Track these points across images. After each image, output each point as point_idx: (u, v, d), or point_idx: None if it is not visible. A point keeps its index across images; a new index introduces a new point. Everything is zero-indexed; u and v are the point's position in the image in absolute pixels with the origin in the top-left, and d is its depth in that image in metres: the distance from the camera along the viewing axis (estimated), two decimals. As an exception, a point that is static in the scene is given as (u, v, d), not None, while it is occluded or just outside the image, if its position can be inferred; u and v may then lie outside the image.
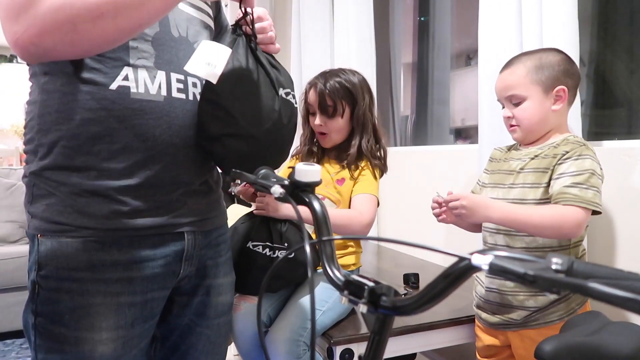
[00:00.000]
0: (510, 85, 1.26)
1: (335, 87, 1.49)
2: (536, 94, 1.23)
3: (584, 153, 1.17)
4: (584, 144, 1.20)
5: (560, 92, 1.22)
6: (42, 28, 0.71)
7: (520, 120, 1.26)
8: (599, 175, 1.16)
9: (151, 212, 0.88)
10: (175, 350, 1.01)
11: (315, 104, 1.52)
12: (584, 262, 0.45)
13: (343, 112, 1.50)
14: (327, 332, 1.34)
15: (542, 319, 1.22)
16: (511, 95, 1.25)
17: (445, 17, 2.66)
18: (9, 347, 2.63)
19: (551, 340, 0.93)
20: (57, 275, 0.83)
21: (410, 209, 2.35)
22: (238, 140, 0.93)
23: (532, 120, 1.25)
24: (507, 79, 1.27)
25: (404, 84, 2.97)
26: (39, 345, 0.84)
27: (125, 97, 0.83)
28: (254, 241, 1.28)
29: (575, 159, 1.17)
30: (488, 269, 0.47)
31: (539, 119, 1.24)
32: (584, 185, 1.13)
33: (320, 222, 0.73)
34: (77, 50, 0.76)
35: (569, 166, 1.17)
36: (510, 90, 1.26)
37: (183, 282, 0.97)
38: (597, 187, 1.14)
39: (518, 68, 1.26)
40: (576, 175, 1.15)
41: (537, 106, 1.23)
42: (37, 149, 0.85)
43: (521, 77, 1.24)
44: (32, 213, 0.85)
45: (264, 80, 0.96)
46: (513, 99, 1.25)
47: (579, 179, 1.14)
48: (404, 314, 0.60)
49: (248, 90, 0.93)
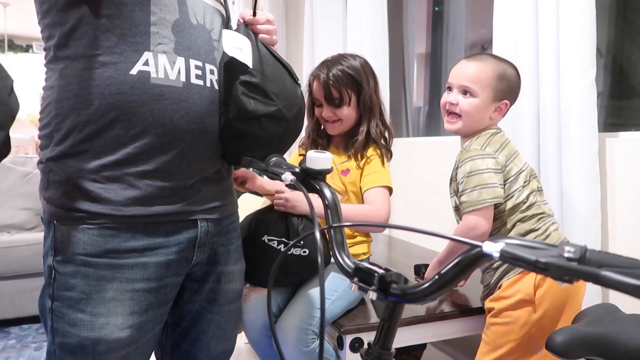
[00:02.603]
0: (473, 78, 1.29)
1: (339, 75, 1.46)
2: (487, 98, 1.29)
3: (462, 158, 1.27)
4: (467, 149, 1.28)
5: (503, 106, 1.32)
6: None
7: (463, 112, 1.30)
8: (478, 171, 1.22)
9: (166, 199, 0.89)
10: (186, 335, 1.03)
11: (320, 96, 1.51)
12: (597, 251, 0.45)
13: (350, 100, 1.48)
14: (337, 321, 1.34)
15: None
16: (467, 86, 1.29)
17: (459, 6, 2.63)
18: (26, 332, 2.68)
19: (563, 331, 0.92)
20: (73, 261, 0.84)
21: (422, 199, 2.35)
22: (274, 121, 0.97)
23: (473, 116, 1.30)
24: (472, 71, 1.30)
25: (417, 74, 2.95)
26: (55, 330, 0.85)
27: (145, 82, 0.84)
28: (269, 235, 1.29)
29: (459, 167, 1.28)
30: (499, 256, 0.47)
31: (478, 117, 1.31)
32: (468, 190, 1.23)
33: (331, 209, 0.73)
34: None
35: (458, 175, 1.28)
36: (470, 82, 1.29)
37: (195, 269, 0.98)
38: (480, 184, 1.21)
39: (486, 67, 1.30)
40: (460, 184, 1.26)
41: (482, 107, 1.29)
42: (54, 134, 0.85)
43: (485, 77, 1.29)
44: (48, 199, 0.87)
45: (283, 70, 1.02)
46: (467, 90, 1.30)
47: (462, 187, 1.25)
48: (414, 302, 0.60)
49: (277, 76, 0.99)
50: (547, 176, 1.49)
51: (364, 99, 1.49)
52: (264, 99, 0.95)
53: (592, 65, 1.39)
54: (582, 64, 1.39)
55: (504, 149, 1.28)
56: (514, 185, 1.26)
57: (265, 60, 0.98)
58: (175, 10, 0.88)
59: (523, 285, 1.20)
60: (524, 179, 1.27)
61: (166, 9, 0.87)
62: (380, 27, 2.53)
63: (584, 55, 1.39)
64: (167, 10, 0.87)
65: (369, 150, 1.50)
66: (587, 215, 1.39)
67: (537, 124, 1.54)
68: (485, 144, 1.28)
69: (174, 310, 0.99)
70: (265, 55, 0.99)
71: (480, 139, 1.30)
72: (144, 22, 0.84)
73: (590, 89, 1.39)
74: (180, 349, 1.04)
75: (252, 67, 0.94)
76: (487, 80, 1.28)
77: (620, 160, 1.41)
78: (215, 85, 0.94)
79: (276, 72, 0.99)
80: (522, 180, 1.26)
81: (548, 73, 1.49)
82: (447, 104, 1.33)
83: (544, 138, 1.51)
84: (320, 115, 1.54)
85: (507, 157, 1.27)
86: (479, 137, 1.31)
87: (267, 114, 0.95)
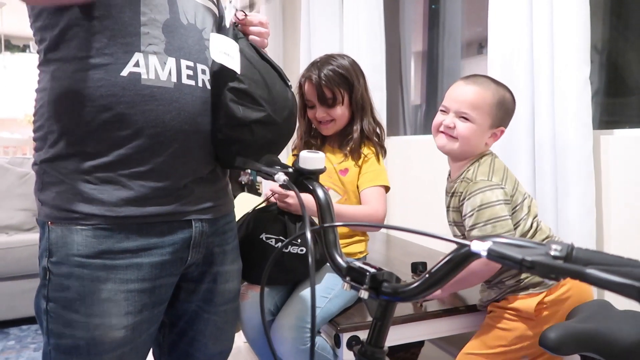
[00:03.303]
0: (473, 104, 1.24)
1: (331, 75, 1.47)
2: (485, 125, 1.25)
3: (471, 190, 1.22)
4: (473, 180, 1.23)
5: (498, 132, 1.28)
6: None
7: (461, 136, 1.25)
8: (489, 204, 1.18)
9: (160, 200, 0.89)
10: (183, 335, 1.03)
11: (313, 97, 1.50)
12: (583, 249, 0.45)
13: (343, 99, 1.49)
14: (334, 319, 1.35)
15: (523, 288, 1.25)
16: (466, 113, 1.24)
17: (456, 4, 2.63)
18: (25, 333, 2.69)
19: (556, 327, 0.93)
20: (67, 262, 0.84)
21: (419, 198, 2.35)
22: (264, 126, 0.96)
23: (470, 142, 1.26)
24: (472, 96, 1.25)
25: (414, 72, 2.95)
26: (50, 330, 0.86)
27: (136, 84, 0.84)
28: (267, 233, 1.29)
29: (468, 199, 1.22)
30: (487, 255, 0.48)
31: (475, 143, 1.27)
32: (480, 224, 1.18)
33: (324, 209, 0.74)
34: None
35: (465, 207, 1.23)
36: (469, 108, 1.24)
37: (190, 269, 0.98)
38: (492, 218, 1.17)
39: (486, 93, 1.25)
40: (470, 217, 1.21)
41: (478, 133, 1.25)
42: (47, 136, 0.86)
43: (485, 104, 1.24)
44: (43, 200, 0.87)
45: (273, 73, 1.01)
46: (465, 116, 1.25)
47: (472, 220, 1.20)
48: (405, 300, 0.60)
49: (266, 80, 0.98)
50: (542, 174, 1.50)
51: (355, 97, 1.50)
52: (252, 105, 0.94)
53: (587, 63, 1.40)
54: (576, 62, 1.39)
55: (507, 177, 1.25)
56: (520, 214, 1.23)
57: (254, 64, 0.97)
58: (165, 11, 0.88)
59: (527, 304, 1.20)
60: (527, 205, 1.25)
61: (156, 9, 0.87)
62: (377, 25, 2.53)
63: (579, 53, 1.39)
64: (157, 10, 0.87)
65: (364, 148, 1.51)
66: (581, 213, 1.40)
67: (531, 122, 1.55)
68: (490, 173, 1.24)
69: (170, 311, 0.99)
70: (253, 58, 0.98)
71: (482, 167, 1.26)
72: (134, 23, 0.84)
73: (585, 86, 1.40)
74: (178, 349, 1.04)
75: (240, 73, 0.93)
76: (487, 107, 1.24)
77: (615, 157, 1.41)
78: (207, 85, 0.94)
79: (265, 76, 0.98)
80: (526, 207, 1.24)
81: (542, 71, 1.49)
82: (443, 126, 1.28)
83: (538, 135, 1.52)
84: (314, 117, 1.53)
85: (512, 186, 1.24)
86: (481, 165, 1.26)
87: (257, 119, 0.95)
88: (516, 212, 1.23)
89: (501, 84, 1.30)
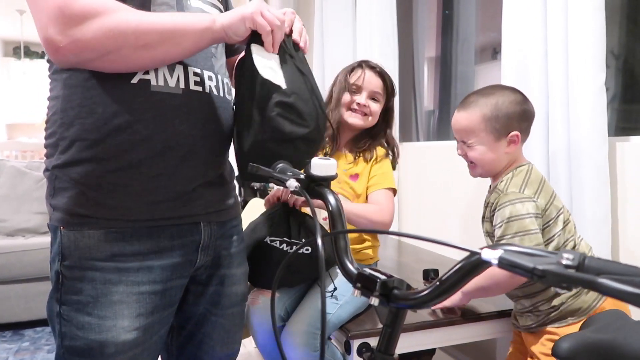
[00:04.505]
0: (465, 131, 1.27)
1: (387, 74, 1.56)
2: (488, 141, 1.25)
3: (501, 202, 1.20)
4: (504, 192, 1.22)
5: (514, 137, 1.25)
6: (89, 45, 0.78)
7: (474, 160, 1.29)
8: (518, 216, 1.17)
9: (169, 204, 0.90)
10: (192, 338, 1.04)
11: (370, 84, 1.53)
12: (596, 258, 0.45)
13: (382, 101, 1.56)
14: (344, 326, 1.34)
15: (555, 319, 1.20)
16: (464, 140, 1.28)
17: (469, 10, 2.62)
18: (39, 334, 2.72)
19: (569, 337, 0.92)
20: (80, 265, 0.85)
21: (433, 204, 2.34)
22: (307, 143, 0.95)
23: (484, 161, 1.28)
24: (462, 123, 1.27)
25: (427, 78, 2.94)
26: (63, 333, 0.87)
27: (146, 90, 0.86)
28: (272, 236, 1.30)
29: (498, 210, 1.21)
30: (497, 263, 0.47)
31: (491, 160, 1.27)
32: (508, 236, 1.17)
33: (335, 216, 0.74)
34: (110, 67, 0.83)
35: (495, 218, 1.22)
36: (464, 135, 1.28)
37: (199, 272, 0.99)
38: (521, 231, 1.16)
39: (474, 112, 1.25)
40: (499, 228, 1.20)
41: (489, 151, 1.26)
42: (59, 143, 0.87)
43: (476, 124, 1.25)
44: (54, 205, 0.88)
45: (310, 86, 0.98)
46: (465, 142, 1.28)
47: (501, 232, 1.19)
48: (415, 308, 0.60)
49: (307, 95, 0.96)
50: (557, 181, 1.48)
51: (391, 106, 1.58)
52: (299, 120, 0.92)
53: (602, 69, 1.38)
54: (592, 68, 1.38)
55: (542, 190, 1.22)
56: (555, 229, 1.21)
57: (294, 78, 0.94)
58: None
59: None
60: (563, 220, 1.22)
61: None
62: (390, 30, 2.53)
63: (594, 59, 1.37)
64: None
65: (379, 149, 1.51)
66: (597, 220, 1.38)
67: (546, 128, 1.53)
68: (523, 186, 1.22)
69: (179, 314, 1.00)
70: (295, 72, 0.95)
71: (515, 179, 1.24)
72: None
73: (600, 92, 1.38)
74: (186, 352, 1.05)
75: (287, 87, 0.91)
76: (478, 124, 1.24)
77: (630, 164, 1.39)
78: (214, 91, 0.95)
79: (306, 91, 0.96)
80: (562, 223, 1.22)
81: (557, 76, 1.47)
82: (463, 157, 1.33)
83: (553, 142, 1.50)
84: (350, 102, 1.54)
85: (547, 200, 1.21)
86: (514, 177, 1.25)
87: (302, 136, 0.93)
88: (549, 227, 1.20)
89: (496, 90, 1.27)
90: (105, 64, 0.82)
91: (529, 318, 1.26)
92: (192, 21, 0.85)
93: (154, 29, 0.81)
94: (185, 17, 0.87)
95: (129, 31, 0.79)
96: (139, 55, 0.82)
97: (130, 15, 0.81)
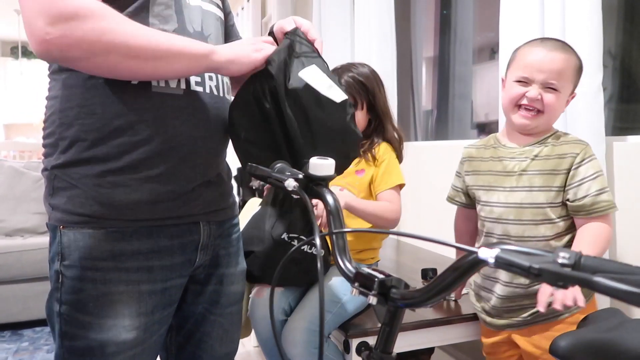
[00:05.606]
0: (559, 72, 1.15)
1: (350, 82, 1.52)
2: (566, 92, 1.19)
3: (590, 152, 1.17)
4: (584, 141, 1.19)
5: (571, 98, 1.23)
6: (78, 43, 0.75)
7: (548, 107, 1.17)
8: (601, 172, 1.16)
9: (169, 203, 0.91)
10: (190, 337, 1.04)
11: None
12: (591, 257, 0.45)
13: (362, 105, 1.53)
14: (344, 325, 1.35)
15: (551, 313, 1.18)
16: (553, 83, 1.15)
17: (467, 10, 2.63)
18: (39, 334, 2.72)
19: (567, 335, 0.92)
20: (80, 265, 0.86)
21: (431, 204, 2.34)
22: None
23: (556, 111, 1.19)
24: (559, 64, 1.15)
25: (425, 78, 2.95)
26: (64, 333, 0.87)
27: (147, 91, 0.86)
28: (290, 233, 1.31)
29: (589, 161, 1.15)
30: (494, 262, 0.48)
31: (559, 113, 1.22)
32: (607, 188, 1.13)
33: (334, 215, 0.74)
34: (94, 70, 0.82)
35: (587, 169, 1.14)
36: (554, 77, 1.15)
37: (198, 271, 1.00)
38: (606, 187, 1.14)
39: (571, 58, 1.18)
40: (596, 178, 1.14)
41: (561, 102, 1.19)
42: (58, 143, 0.87)
43: (570, 70, 1.17)
44: (54, 205, 0.88)
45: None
46: (550, 85, 1.16)
47: (602, 183, 1.13)
48: (413, 306, 0.61)
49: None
50: (554, 180, 1.49)
51: (379, 104, 1.55)
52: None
53: (599, 69, 1.39)
54: (589, 68, 1.38)
55: None
56: None
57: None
58: (173, 20, 0.89)
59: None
60: None
61: (165, 20, 0.88)
62: (388, 31, 2.54)
63: (591, 59, 1.38)
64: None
65: (382, 146, 1.52)
66: (594, 219, 1.38)
67: (544, 128, 1.54)
68: None
69: (177, 313, 1.00)
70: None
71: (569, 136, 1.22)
72: None
73: (598, 92, 1.39)
74: (185, 352, 1.06)
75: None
76: (570, 73, 1.17)
77: (627, 164, 1.40)
78: (214, 91, 0.95)
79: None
80: None
81: (555, 77, 1.48)
82: (527, 99, 1.17)
83: (550, 142, 1.50)
84: None
85: None
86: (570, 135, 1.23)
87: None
88: None
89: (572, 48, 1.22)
90: (90, 66, 0.79)
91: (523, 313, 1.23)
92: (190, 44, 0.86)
93: (149, 43, 0.80)
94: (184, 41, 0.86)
95: (121, 39, 0.77)
96: (127, 65, 0.80)
97: (127, 24, 0.79)
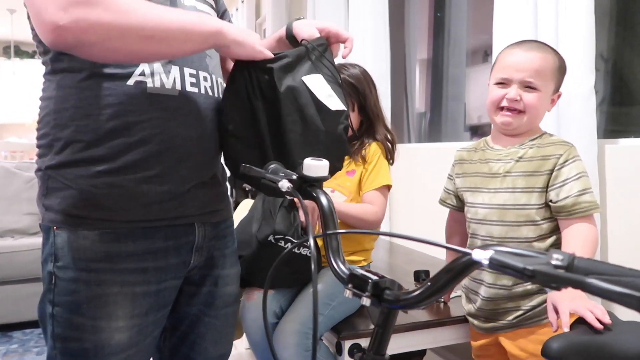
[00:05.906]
0: (537, 71, 1.15)
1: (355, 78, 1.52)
2: (548, 92, 1.19)
3: (575, 154, 1.16)
4: (569, 143, 1.18)
5: (556, 97, 1.22)
6: (93, 27, 0.71)
7: (529, 107, 1.17)
8: (584, 173, 1.15)
9: (164, 204, 0.90)
10: (185, 339, 1.03)
11: None
12: (585, 259, 0.45)
13: (354, 107, 1.52)
14: (336, 327, 1.35)
15: (535, 317, 1.18)
16: (531, 82, 1.15)
17: (461, 12, 2.64)
18: (28, 337, 2.70)
19: (559, 338, 0.92)
20: (74, 266, 0.85)
21: (424, 205, 2.35)
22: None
23: (538, 111, 1.19)
24: (537, 62, 1.16)
25: (419, 80, 2.96)
26: (57, 335, 0.86)
27: (143, 92, 0.86)
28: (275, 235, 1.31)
29: (573, 161, 1.14)
30: (488, 264, 0.48)
31: (541, 112, 1.21)
32: (590, 189, 1.12)
33: (327, 216, 0.74)
34: (109, 55, 0.78)
35: (570, 170, 1.14)
36: (533, 75, 1.15)
37: (192, 272, 0.99)
38: (589, 187, 1.13)
39: (549, 57, 1.18)
40: (579, 179, 1.12)
41: (543, 102, 1.18)
42: (53, 144, 0.86)
43: (549, 69, 1.17)
44: (47, 206, 0.87)
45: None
46: (529, 84, 1.16)
47: (584, 184, 1.12)
48: (406, 308, 0.60)
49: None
50: (547, 182, 1.49)
51: (370, 106, 1.53)
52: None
53: (592, 72, 1.40)
54: (581, 71, 1.39)
55: None
56: None
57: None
58: None
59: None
60: None
61: None
62: (382, 33, 2.54)
63: (584, 62, 1.39)
64: None
65: (372, 147, 1.52)
66: (586, 222, 1.39)
67: (536, 130, 1.55)
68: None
69: (172, 315, 1.00)
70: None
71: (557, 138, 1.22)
72: None
73: (590, 95, 1.40)
74: (179, 353, 1.05)
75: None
76: (549, 72, 1.17)
77: (619, 167, 1.41)
78: (209, 92, 0.95)
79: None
80: None
81: (547, 80, 1.49)
82: (507, 100, 1.18)
83: (543, 144, 1.51)
84: None
85: None
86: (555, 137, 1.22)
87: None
88: None
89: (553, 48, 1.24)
90: (103, 50, 0.75)
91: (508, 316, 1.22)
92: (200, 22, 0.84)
93: (161, 22, 0.77)
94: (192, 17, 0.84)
95: (135, 20, 0.74)
96: (142, 47, 0.77)
97: (139, 3, 0.76)
